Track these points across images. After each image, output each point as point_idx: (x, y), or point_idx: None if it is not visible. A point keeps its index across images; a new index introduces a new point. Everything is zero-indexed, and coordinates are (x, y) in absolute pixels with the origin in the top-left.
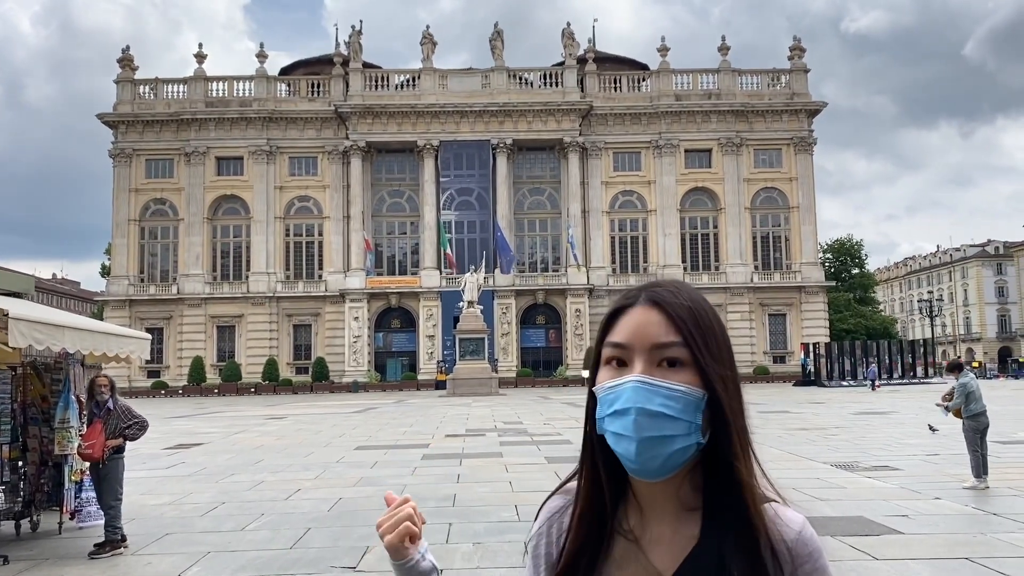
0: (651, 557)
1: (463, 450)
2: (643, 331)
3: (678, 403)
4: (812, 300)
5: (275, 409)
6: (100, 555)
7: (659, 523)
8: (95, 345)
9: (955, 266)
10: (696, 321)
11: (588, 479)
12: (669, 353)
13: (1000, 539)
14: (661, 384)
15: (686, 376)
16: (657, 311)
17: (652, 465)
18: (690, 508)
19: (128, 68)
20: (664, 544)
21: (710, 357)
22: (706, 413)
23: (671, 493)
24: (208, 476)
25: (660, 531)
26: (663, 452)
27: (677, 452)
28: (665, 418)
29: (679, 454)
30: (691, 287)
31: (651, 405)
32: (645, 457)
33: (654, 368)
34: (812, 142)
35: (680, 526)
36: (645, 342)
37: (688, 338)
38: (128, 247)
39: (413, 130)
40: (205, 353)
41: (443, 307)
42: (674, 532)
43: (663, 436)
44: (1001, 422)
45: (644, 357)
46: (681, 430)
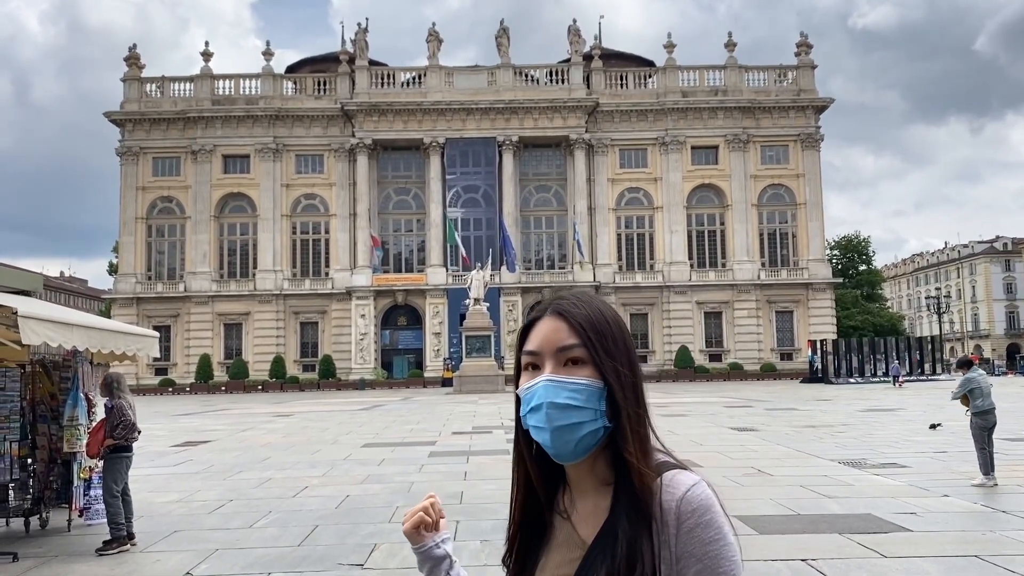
0: (578, 529)
1: (470, 447)
2: (549, 337)
3: (581, 394)
4: (819, 297)
5: (282, 407)
6: (107, 552)
7: (583, 499)
8: (104, 343)
9: (963, 262)
10: (593, 326)
11: (521, 472)
12: (571, 354)
13: (1009, 537)
14: (565, 380)
15: (587, 372)
16: (560, 319)
17: (566, 450)
18: (607, 483)
19: (135, 66)
20: (587, 517)
21: (604, 354)
22: (609, 402)
23: (588, 472)
24: (216, 473)
25: (584, 506)
26: (574, 437)
27: (587, 436)
28: (572, 408)
29: (588, 437)
30: (594, 298)
31: (558, 399)
32: (559, 443)
33: (560, 368)
34: (819, 138)
35: (599, 500)
36: (551, 346)
37: (585, 340)
38: (135, 245)
39: (419, 127)
40: (212, 351)
41: (449, 304)
42: (595, 506)
43: (571, 424)
44: (1010, 419)
45: (552, 359)
46: (587, 417)
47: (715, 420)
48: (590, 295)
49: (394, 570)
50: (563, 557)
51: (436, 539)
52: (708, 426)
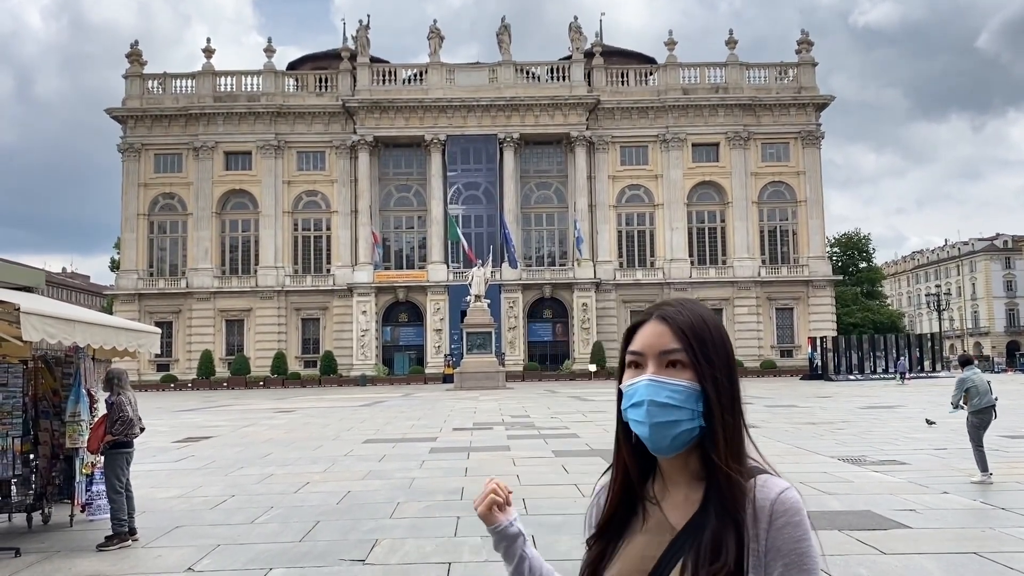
0: (668, 516)
1: (471, 444)
2: (653, 341)
3: (680, 395)
4: (819, 294)
5: (283, 403)
6: (108, 547)
7: (675, 489)
8: (106, 339)
9: (963, 260)
10: (695, 332)
11: (619, 460)
12: (672, 357)
13: (1008, 534)
14: (667, 381)
15: (687, 375)
16: (664, 325)
17: (663, 444)
18: (699, 478)
19: (137, 63)
20: (678, 506)
21: (704, 361)
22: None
23: (682, 466)
24: (217, 469)
25: (676, 496)
26: (670, 433)
27: (682, 433)
28: (671, 407)
29: (684, 435)
30: (698, 305)
31: (659, 397)
32: (657, 437)
33: (662, 369)
34: (820, 136)
35: (691, 492)
36: (655, 349)
37: (686, 346)
38: (137, 241)
39: (420, 125)
40: (214, 347)
41: (450, 301)
42: (685, 497)
43: (669, 421)
44: (1010, 416)
45: (654, 360)
46: (684, 416)
47: None
48: (694, 302)
49: (395, 566)
50: (652, 540)
51: (509, 519)
52: None
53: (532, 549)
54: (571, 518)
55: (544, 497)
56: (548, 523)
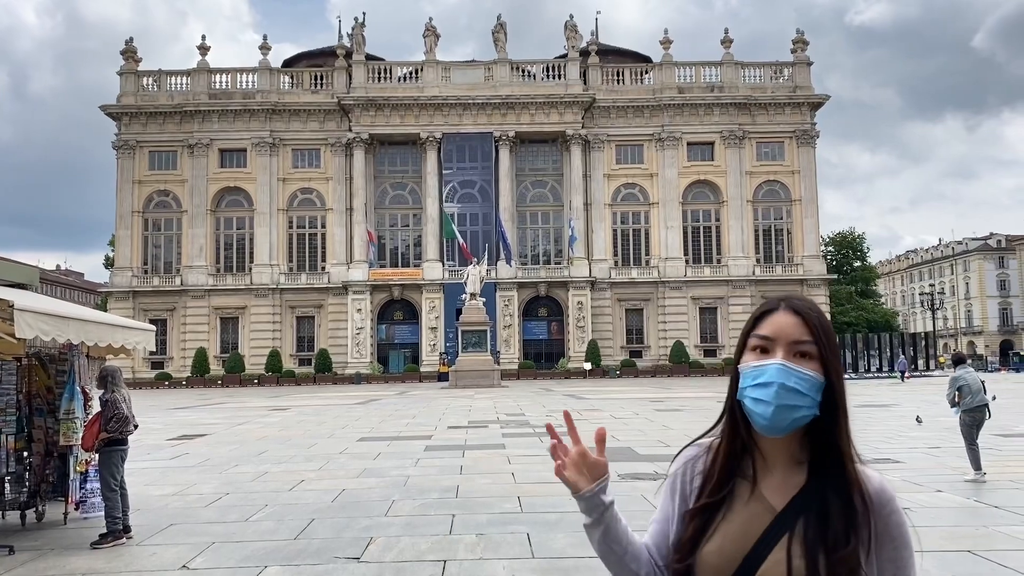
0: (767, 496)
1: (466, 442)
2: (785, 330)
3: (807, 383)
4: (814, 293)
5: (278, 400)
6: (102, 545)
7: (775, 471)
8: (100, 337)
9: (957, 259)
10: (823, 327)
11: (728, 435)
12: (803, 348)
13: (1002, 532)
14: (798, 368)
15: (813, 365)
16: (796, 316)
17: (781, 424)
18: (799, 462)
19: (131, 60)
20: (777, 487)
21: (831, 354)
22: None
23: (785, 448)
24: (212, 467)
25: (774, 477)
26: (791, 416)
27: (800, 418)
28: (797, 392)
29: (800, 419)
30: (814, 303)
31: (789, 382)
32: (777, 418)
33: (792, 357)
34: (815, 135)
35: (790, 474)
36: (787, 338)
37: (817, 339)
38: (132, 239)
39: (416, 122)
40: (208, 345)
41: (446, 299)
42: (785, 479)
43: (793, 405)
44: (1003, 415)
45: (784, 348)
46: (806, 403)
47: (712, 415)
48: (810, 300)
49: (390, 563)
50: (752, 517)
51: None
52: (705, 421)
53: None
54: (566, 516)
55: (540, 495)
56: (544, 521)
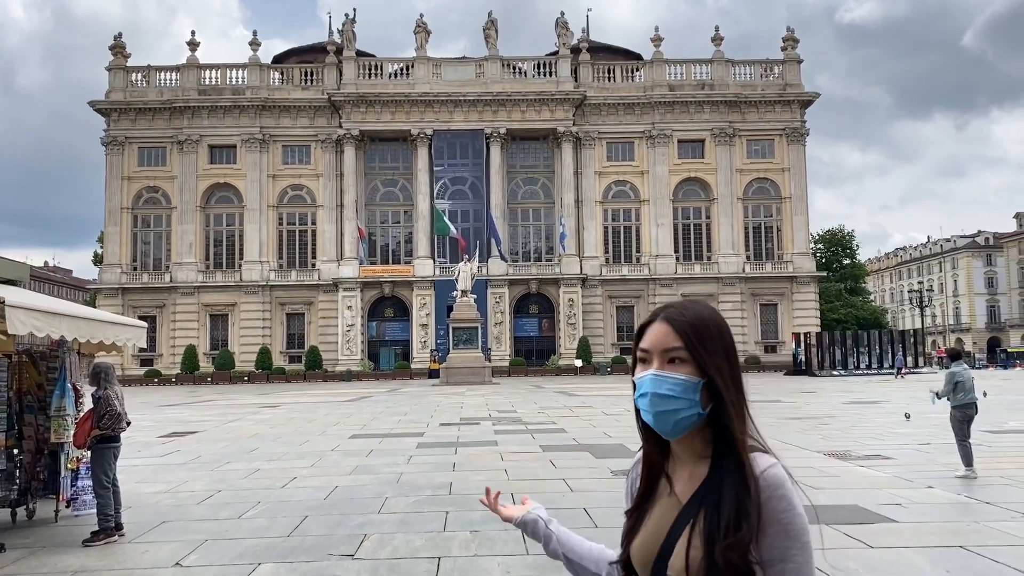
0: (676, 490)
1: (458, 439)
2: (657, 340)
3: (679, 387)
4: (803, 290)
5: (269, 398)
6: (94, 543)
7: (683, 467)
8: (92, 333)
9: (945, 257)
10: (695, 330)
11: (643, 439)
12: (673, 354)
13: (993, 527)
14: (667, 375)
15: (686, 369)
16: (668, 325)
17: (666, 428)
18: (703, 456)
19: (120, 55)
20: (685, 481)
21: (706, 354)
22: (705, 392)
23: (688, 446)
24: (203, 464)
25: (683, 472)
26: (671, 420)
27: (683, 419)
28: (670, 398)
29: (684, 421)
30: (699, 303)
31: (660, 389)
32: (660, 423)
33: (665, 364)
34: (804, 133)
35: (695, 469)
36: (658, 347)
37: (687, 343)
38: (121, 235)
39: (407, 119)
40: (198, 342)
41: (436, 296)
42: (691, 473)
43: (670, 410)
44: (992, 411)
45: (658, 357)
46: (683, 405)
47: None
48: (696, 301)
49: (384, 560)
50: (664, 512)
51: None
52: None
53: (559, 528)
54: (560, 512)
55: (533, 492)
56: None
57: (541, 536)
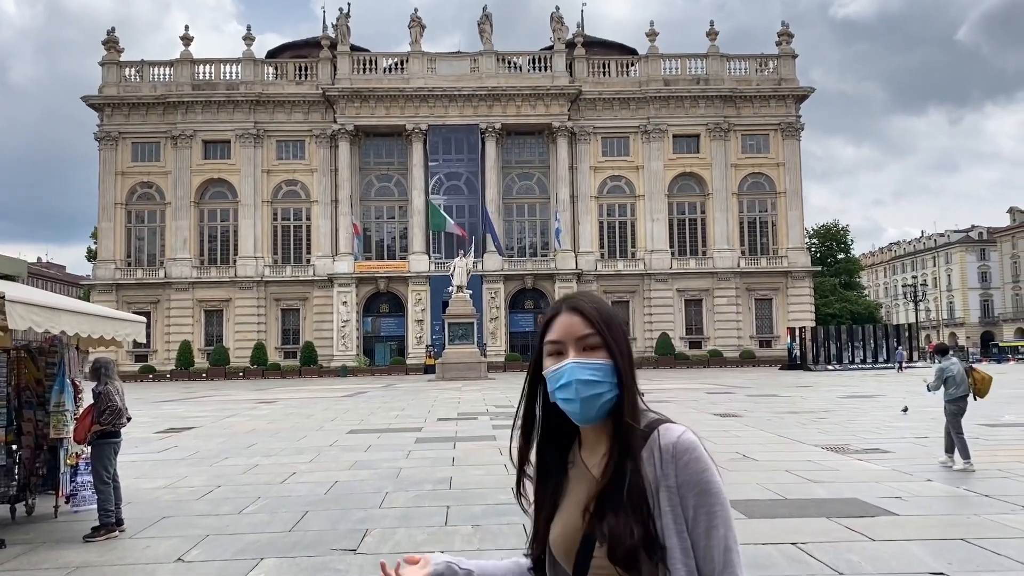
0: (592, 471)
1: (456, 433)
2: (571, 329)
3: (600, 371)
4: (798, 285)
5: (264, 393)
6: (95, 538)
7: (596, 451)
8: (92, 328)
9: (939, 251)
10: (603, 318)
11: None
12: (588, 341)
13: (993, 520)
14: (588, 361)
15: (601, 354)
16: (576, 315)
17: (590, 414)
18: (610, 436)
19: (113, 50)
20: (599, 462)
21: (613, 340)
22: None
23: (600, 431)
24: (202, 460)
25: (597, 455)
26: (596, 404)
27: (606, 402)
28: (594, 382)
29: (607, 403)
30: (596, 295)
31: (584, 375)
32: (585, 410)
33: (581, 352)
34: (799, 127)
35: (606, 448)
36: (572, 336)
37: (600, 329)
38: (114, 231)
39: (401, 114)
40: (193, 337)
41: (432, 292)
42: (605, 456)
43: (595, 394)
44: (988, 405)
45: (573, 346)
46: (605, 388)
47: (698, 407)
48: (591, 293)
49: (387, 555)
50: (583, 490)
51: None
52: (692, 412)
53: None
54: None
55: None
56: None
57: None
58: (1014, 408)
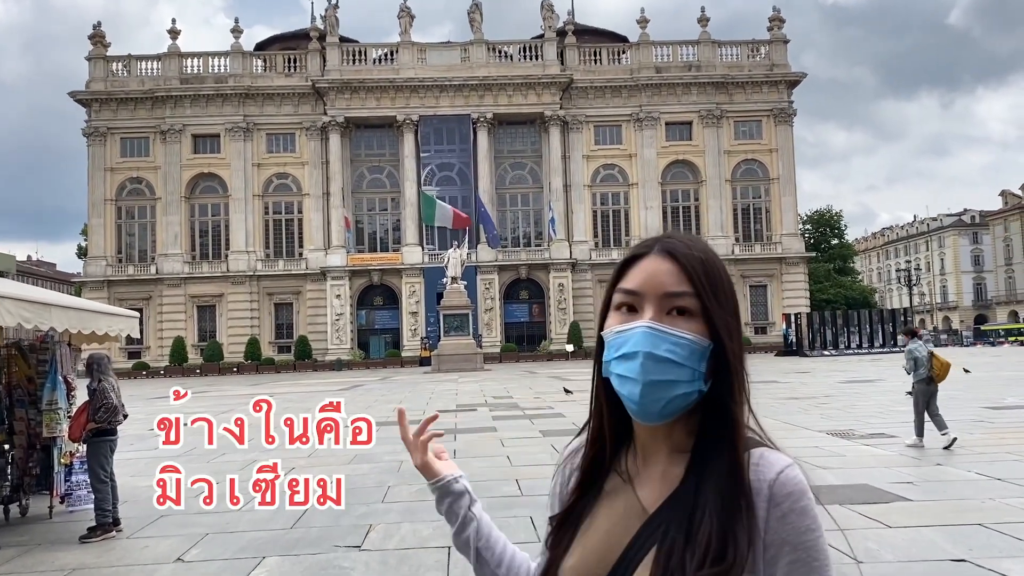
0: (640, 494)
1: (456, 425)
2: (655, 279)
3: (684, 350)
4: (792, 271)
5: (260, 388)
6: (91, 539)
7: (653, 464)
8: (84, 324)
9: (932, 235)
10: (707, 272)
11: (596, 423)
12: (679, 302)
13: (1009, 504)
14: (670, 331)
15: (694, 325)
16: (670, 261)
17: (654, 408)
18: (681, 451)
19: (100, 44)
20: (653, 483)
21: (718, 307)
22: (710, 362)
23: (664, 435)
24: (199, 456)
25: (652, 471)
26: (665, 396)
27: (679, 397)
28: (671, 363)
29: (680, 399)
30: (704, 241)
31: (658, 350)
32: (648, 400)
33: (664, 316)
34: (792, 113)
35: (670, 467)
36: (657, 290)
37: (699, 288)
38: (105, 227)
39: (392, 105)
40: (186, 333)
41: (426, 283)
42: (664, 472)
43: (667, 380)
44: (989, 387)
45: (655, 304)
46: (685, 376)
47: None
48: (700, 237)
49: (392, 551)
50: (618, 523)
51: (455, 473)
52: None
53: (483, 513)
54: None
55: (538, 478)
56: (544, 503)
57: (460, 516)
58: (1014, 390)
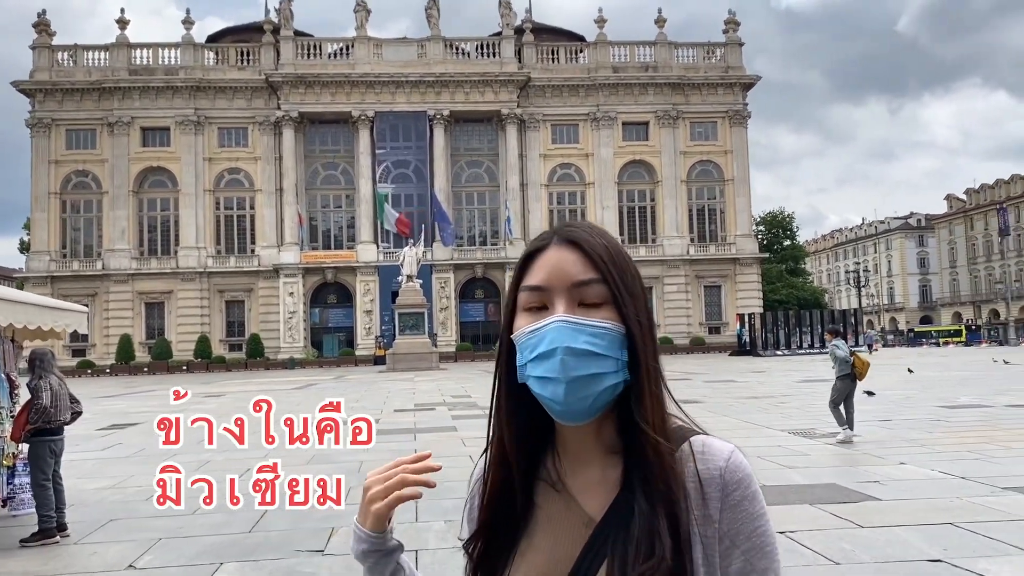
0: (582, 503)
1: (415, 425)
2: (561, 270)
3: (603, 339)
4: (746, 272)
5: (211, 387)
6: (31, 544)
7: (587, 468)
8: (28, 318)
9: (880, 238)
10: (612, 259)
11: (498, 447)
12: (589, 292)
13: (977, 503)
14: (585, 321)
15: (606, 313)
16: (574, 250)
17: (580, 406)
18: (615, 451)
19: (45, 33)
20: (593, 488)
21: (627, 294)
22: None
23: (594, 435)
24: (149, 457)
25: (588, 476)
26: (592, 392)
27: (606, 390)
28: (592, 356)
29: (607, 392)
30: (604, 228)
31: (576, 343)
32: (573, 398)
33: (575, 308)
34: (747, 115)
35: (608, 470)
36: (564, 281)
37: (606, 274)
38: (49, 221)
39: (347, 100)
40: (133, 331)
41: (381, 282)
42: (602, 476)
43: (592, 375)
44: (942, 387)
45: (564, 297)
46: (610, 367)
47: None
48: (599, 226)
49: None
50: (562, 536)
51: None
52: None
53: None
54: None
55: None
56: None
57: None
58: (966, 389)
